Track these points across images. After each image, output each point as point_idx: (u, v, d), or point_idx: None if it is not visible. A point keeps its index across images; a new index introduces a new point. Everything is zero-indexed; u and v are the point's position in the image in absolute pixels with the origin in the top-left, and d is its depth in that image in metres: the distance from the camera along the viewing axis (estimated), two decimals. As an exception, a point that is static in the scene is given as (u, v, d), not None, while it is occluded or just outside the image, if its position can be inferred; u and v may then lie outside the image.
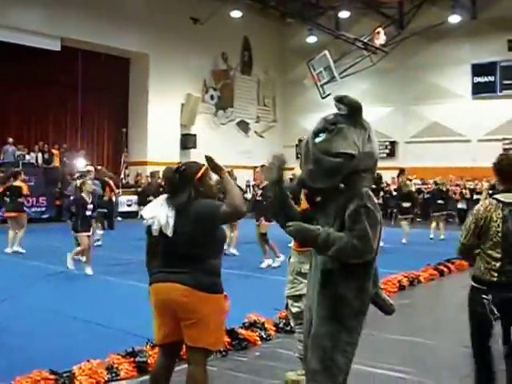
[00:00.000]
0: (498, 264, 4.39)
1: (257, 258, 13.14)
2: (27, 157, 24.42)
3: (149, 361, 5.71)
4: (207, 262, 4.21)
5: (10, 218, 14.70)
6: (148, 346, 5.94)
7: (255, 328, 6.97)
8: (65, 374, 5.38)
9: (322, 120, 3.84)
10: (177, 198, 4.27)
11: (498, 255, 4.39)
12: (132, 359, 5.80)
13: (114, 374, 5.56)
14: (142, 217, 4.42)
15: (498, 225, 4.38)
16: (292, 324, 5.77)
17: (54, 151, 25.60)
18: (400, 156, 31.38)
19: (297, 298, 5.44)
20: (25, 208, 15.78)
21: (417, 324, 7.31)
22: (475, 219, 4.48)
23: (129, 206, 25.28)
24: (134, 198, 24.68)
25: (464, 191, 25.62)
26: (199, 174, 4.28)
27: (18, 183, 14.93)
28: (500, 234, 4.37)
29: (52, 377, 5.28)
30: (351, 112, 3.86)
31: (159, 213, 4.27)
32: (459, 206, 24.87)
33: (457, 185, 25.80)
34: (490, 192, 5.00)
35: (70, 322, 7.71)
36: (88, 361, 5.60)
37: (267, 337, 6.94)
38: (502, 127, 28.15)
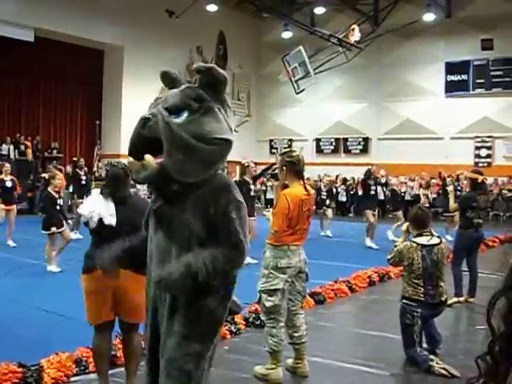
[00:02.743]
0: (422, 289, 5.99)
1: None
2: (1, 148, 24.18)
3: (118, 354, 5.70)
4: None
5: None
6: (117, 340, 5.93)
7: (225, 322, 6.98)
8: (33, 367, 5.35)
9: (179, 93, 3.23)
10: (119, 192, 4.73)
11: (422, 283, 6.00)
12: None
13: (82, 368, 5.56)
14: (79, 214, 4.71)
15: (419, 262, 5.99)
16: (263, 318, 5.80)
17: (27, 143, 25.35)
18: (373, 152, 31.52)
19: (271, 292, 5.47)
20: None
21: (386, 319, 7.37)
22: (400, 255, 6.13)
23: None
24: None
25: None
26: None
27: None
28: (421, 269, 5.99)
29: (20, 370, 5.25)
30: (216, 87, 3.19)
31: (98, 207, 4.62)
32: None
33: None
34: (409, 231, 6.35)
35: (39, 314, 7.67)
36: (56, 354, 5.58)
37: (237, 331, 6.97)
38: (475, 125, 28.43)
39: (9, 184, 14.80)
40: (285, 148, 23.22)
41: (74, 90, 28.31)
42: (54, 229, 11.10)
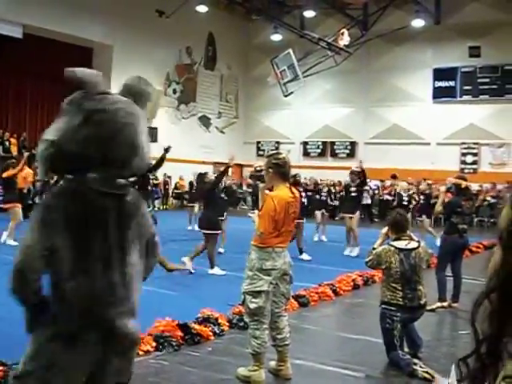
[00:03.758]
0: (400, 293, 6.01)
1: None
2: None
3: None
4: None
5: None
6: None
7: (208, 323, 6.97)
8: (14, 366, 5.31)
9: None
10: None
11: (400, 287, 6.02)
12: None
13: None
14: None
15: (397, 266, 6.01)
16: (246, 320, 5.79)
17: (12, 140, 25.22)
18: (359, 157, 31.56)
19: (256, 294, 5.45)
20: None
21: (369, 323, 7.38)
22: (378, 259, 6.15)
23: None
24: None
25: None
26: None
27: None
28: (399, 273, 6.01)
29: (1, 368, 5.21)
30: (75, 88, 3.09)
31: None
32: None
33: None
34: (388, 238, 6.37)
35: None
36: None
37: (220, 332, 6.95)
38: (461, 131, 28.59)
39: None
40: (272, 150, 23.23)
41: (61, 88, 28.02)
42: None
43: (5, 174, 14.27)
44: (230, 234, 14.19)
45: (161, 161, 10.81)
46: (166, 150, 11.02)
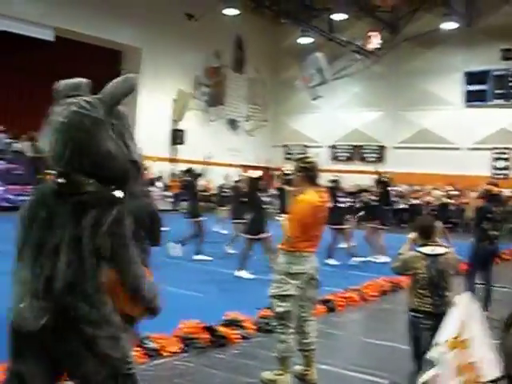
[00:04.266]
0: (428, 300, 5.78)
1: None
2: (16, 145, 24.30)
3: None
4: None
5: None
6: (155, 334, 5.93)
7: (235, 326, 6.96)
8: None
9: None
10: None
11: (427, 294, 5.78)
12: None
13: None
14: None
15: (424, 272, 5.76)
16: (273, 323, 5.76)
17: (44, 140, 25.50)
18: (388, 161, 31.42)
19: (283, 297, 5.43)
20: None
21: (396, 329, 7.30)
22: (405, 264, 5.93)
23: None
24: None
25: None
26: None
27: None
28: (426, 279, 5.77)
29: None
30: None
31: None
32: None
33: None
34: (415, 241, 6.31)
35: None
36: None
37: (246, 335, 6.93)
38: (492, 136, 28.25)
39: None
40: (300, 154, 23.19)
41: (91, 90, 28.31)
42: None
43: None
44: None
45: (204, 168, 10.95)
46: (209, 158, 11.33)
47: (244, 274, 11.03)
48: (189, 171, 14.24)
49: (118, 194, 2.90)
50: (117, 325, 2.89)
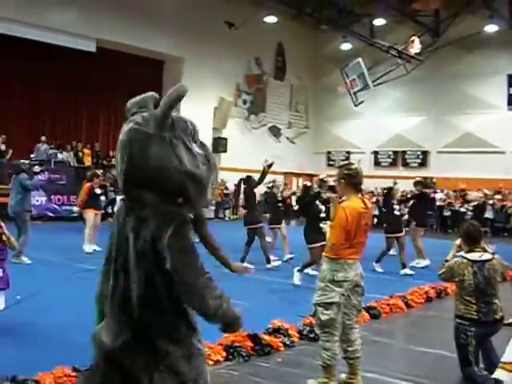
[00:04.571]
0: (475, 307, 5.82)
1: (284, 264, 13.19)
2: (59, 155, 24.67)
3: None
4: None
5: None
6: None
7: (279, 334, 6.95)
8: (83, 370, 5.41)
9: None
10: None
11: (474, 300, 5.82)
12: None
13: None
14: None
15: (470, 278, 5.82)
16: (317, 331, 5.74)
17: (86, 151, 25.81)
18: (431, 166, 31.14)
19: (327, 305, 5.41)
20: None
21: (442, 337, 7.21)
22: (452, 271, 5.98)
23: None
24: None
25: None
26: None
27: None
28: (473, 286, 5.82)
29: (74, 374, 5.30)
30: None
31: None
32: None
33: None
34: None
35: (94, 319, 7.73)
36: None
37: (291, 343, 6.91)
38: (537, 139, 27.87)
39: (98, 191, 15.37)
40: (342, 160, 23.11)
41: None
42: None
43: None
44: (299, 244, 14.06)
45: (263, 175, 10.93)
46: (270, 166, 11.28)
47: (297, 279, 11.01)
48: (248, 179, 14.06)
49: (176, 207, 2.90)
50: (191, 342, 2.92)
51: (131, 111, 3.02)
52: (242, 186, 13.66)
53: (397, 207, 13.78)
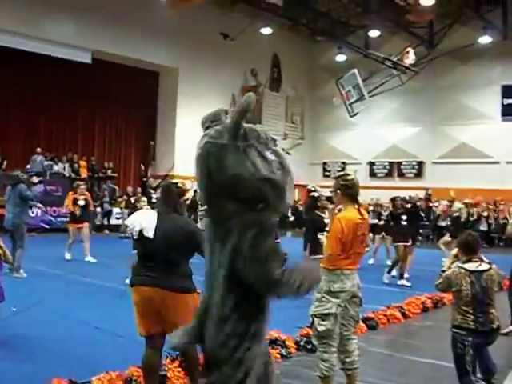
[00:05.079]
0: (472, 316, 5.80)
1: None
2: (55, 167, 24.62)
3: (168, 374, 5.71)
4: (182, 266, 4.89)
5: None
6: (168, 360, 5.93)
7: (276, 345, 6.93)
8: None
9: None
10: (164, 207, 5.00)
11: (471, 310, 5.80)
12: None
13: (132, 387, 5.56)
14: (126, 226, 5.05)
15: (468, 289, 5.82)
16: (315, 342, 5.72)
17: (82, 163, 25.77)
18: (427, 176, 31.19)
19: (324, 316, 5.41)
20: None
21: (439, 347, 7.21)
22: (449, 281, 5.96)
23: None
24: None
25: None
26: (185, 196, 5.13)
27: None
28: (470, 296, 5.80)
29: (72, 386, 5.30)
30: None
31: (141, 218, 4.93)
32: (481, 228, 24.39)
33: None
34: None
35: (90, 331, 7.73)
36: (107, 372, 5.60)
37: (288, 354, 6.91)
38: (532, 150, 27.95)
39: (81, 203, 15.42)
40: (338, 171, 23.13)
41: (128, 111, 28.67)
42: None
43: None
44: (297, 254, 14.07)
45: None
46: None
47: None
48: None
49: (257, 214, 3.03)
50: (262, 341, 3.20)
51: (205, 125, 3.23)
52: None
53: (404, 217, 13.73)
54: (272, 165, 3.06)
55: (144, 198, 13.61)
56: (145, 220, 4.90)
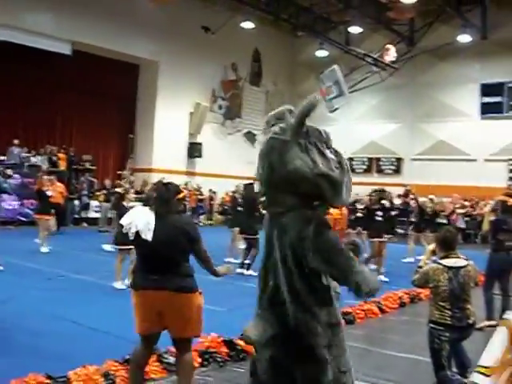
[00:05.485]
0: (449, 312, 5.86)
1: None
2: (33, 159, 24.38)
3: (146, 369, 5.70)
4: (183, 266, 4.86)
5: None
6: (154, 357, 5.91)
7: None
8: (60, 379, 5.36)
9: None
10: (161, 207, 4.96)
11: (448, 306, 5.87)
12: (128, 367, 5.78)
13: (109, 381, 5.55)
14: (121, 225, 5.01)
15: (446, 284, 5.87)
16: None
17: (61, 155, 25.53)
18: (405, 173, 31.34)
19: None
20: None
21: (416, 341, 7.26)
22: (426, 277, 5.99)
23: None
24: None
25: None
26: (180, 195, 5.07)
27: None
28: (448, 291, 5.86)
29: (47, 381, 5.27)
30: None
31: (137, 219, 4.86)
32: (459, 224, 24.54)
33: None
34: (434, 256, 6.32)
35: (68, 326, 7.69)
36: (84, 366, 5.58)
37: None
38: (509, 148, 28.11)
39: (49, 193, 15.56)
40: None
41: (108, 103, 28.45)
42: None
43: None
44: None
45: None
46: None
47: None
48: (249, 186, 14.11)
49: (313, 210, 3.21)
50: (330, 333, 3.31)
51: (270, 123, 3.35)
52: (239, 194, 14.04)
53: (379, 213, 13.77)
54: (331, 163, 3.20)
55: (132, 191, 13.50)
56: (141, 222, 4.84)
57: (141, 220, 4.85)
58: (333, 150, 3.32)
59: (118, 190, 14.14)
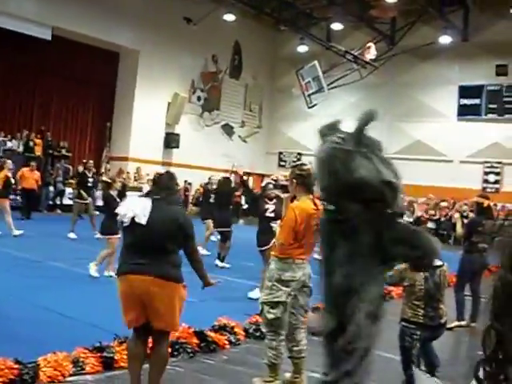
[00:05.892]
0: (422, 311, 5.89)
1: (235, 263, 13.17)
2: (9, 144, 24.16)
3: (115, 357, 5.69)
4: (172, 255, 4.85)
5: None
6: (116, 342, 5.91)
7: (225, 332, 6.95)
8: (29, 365, 5.34)
9: None
10: (160, 194, 5.02)
11: (422, 305, 5.89)
12: (98, 354, 5.78)
13: (79, 368, 5.54)
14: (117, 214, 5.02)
15: (421, 284, 5.87)
16: (263, 330, 5.77)
17: (37, 140, 25.30)
18: (381, 171, 31.47)
19: (274, 304, 5.44)
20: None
21: (386, 339, 7.27)
22: (402, 275, 5.87)
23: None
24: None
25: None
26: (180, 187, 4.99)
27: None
28: (423, 291, 5.88)
29: (16, 366, 5.23)
30: None
31: (135, 204, 4.91)
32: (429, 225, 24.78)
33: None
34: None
35: (39, 312, 7.66)
36: (54, 353, 5.56)
37: (236, 341, 6.93)
38: (485, 150, 28.35)
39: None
40: (293, 162, 23.20)
41: (86, 90, 28.27)
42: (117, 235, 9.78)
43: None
44: (247, 243, 14.07)
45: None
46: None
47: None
48: (226, 180, 14.43)
49: (374, 214, 3.34)
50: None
51: (322, 133, 3.57)
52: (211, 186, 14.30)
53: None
54: (391, 170, 3.41)
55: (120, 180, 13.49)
56: (138, 207, 4.86)
57: (137, 206, 4.89)
58: (388, 160, 3.55)
59: (104, 178, 14.04)
